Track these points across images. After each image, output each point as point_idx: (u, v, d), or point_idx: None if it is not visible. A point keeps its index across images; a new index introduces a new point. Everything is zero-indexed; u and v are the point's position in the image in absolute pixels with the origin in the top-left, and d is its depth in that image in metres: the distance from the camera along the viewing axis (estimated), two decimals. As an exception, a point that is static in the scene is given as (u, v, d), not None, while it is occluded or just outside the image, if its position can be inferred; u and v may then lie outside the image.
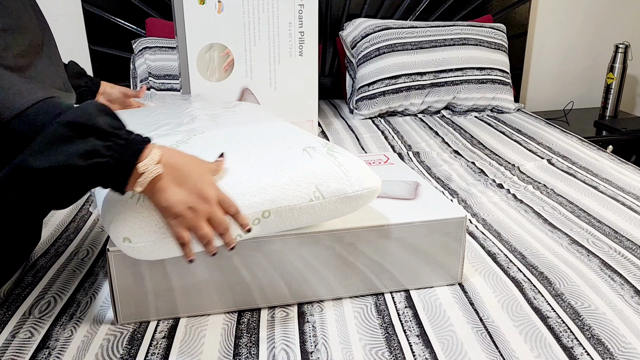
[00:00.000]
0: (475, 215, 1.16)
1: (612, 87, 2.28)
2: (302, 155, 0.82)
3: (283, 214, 0.78)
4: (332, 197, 0.80)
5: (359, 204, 0.83)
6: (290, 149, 0.83)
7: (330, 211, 0.81)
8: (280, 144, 0.85)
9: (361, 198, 0.82)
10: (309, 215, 0.80)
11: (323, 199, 0.79)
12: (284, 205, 0.77)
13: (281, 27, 1.47)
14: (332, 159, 0.82)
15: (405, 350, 0.75)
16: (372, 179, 0.84)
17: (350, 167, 0.82)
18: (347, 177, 0.81)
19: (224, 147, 0.83)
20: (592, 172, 1.40)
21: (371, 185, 0.83)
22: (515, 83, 2.41)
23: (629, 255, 0.98)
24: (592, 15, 2.45)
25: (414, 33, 2.01)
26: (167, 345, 0.77)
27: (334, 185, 0.80)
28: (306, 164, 0.80)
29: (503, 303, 0.85)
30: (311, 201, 0.79)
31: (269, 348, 0.76)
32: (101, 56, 2.13)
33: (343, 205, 0.81)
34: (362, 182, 0.82)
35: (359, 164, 0.84)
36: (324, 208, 0.80)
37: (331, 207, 0.81)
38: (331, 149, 0.84)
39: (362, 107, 1.97)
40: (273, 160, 0.80)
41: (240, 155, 0.81)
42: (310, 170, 0.79)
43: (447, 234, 0.88)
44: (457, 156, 1.55)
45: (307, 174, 0.79)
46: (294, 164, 0.80)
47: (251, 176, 0.77)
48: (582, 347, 0.75)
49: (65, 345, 0.77)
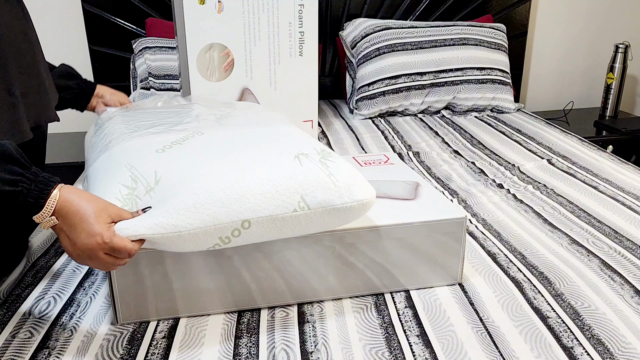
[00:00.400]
0: (475, 215, 1.16)
1: (612, 87, 2.28)
2: (293, 162, 0.78)
3: (264, 224, 0.74)
4: (319, 209, 0.76)
5: (349, 216, 0.79)
6: (281, 155, 0.79)
7: (317, 223, 0.77)
8: (273, 150, 0.81)
9: (350, 211, 0.78)
10: (294, 227, 0.76)
11: (308, 210, 0.75)
12: (265, 215, 0.73)
13: (281, 27, 1.47)
14: (323, 168, 0.78)
15: (405, 350, 0.75)
16: (365, 191, 0.79)
17: (341, 177, 0.78)
18: (336, 188, 0.77)
19: (216, 150, 0.81)
20: (592, 172, 1.40)
21: (362, 197, 0.78)
22: (515, 83, 2.41)
23: (629, 255, 0.98)
24: (592, 15, 2.45)
25: (414, 33, 2.01)
26: (167, 345, 0.77)
27: (321, 195, 0.76)
28: (294, 172, 0.76)
29: (503, 303, 0.85)
30: (295, 212, 0.75)
31: (269, 348, 0.76)
32: (101, 56, 2.13)
33: (331, 217, 0.77)
34: (352, 193, 0.78)
35: (353, 174, 0.80)
36: (309, 219, 0.76)
37: (318, 219, 0.77)
38: (326, 157, 0.80)
39: (362, 107, 1.97)
40: (260, 167, 0.76)
41: (229, 160, 0.78)
42: (297, 179, 0.75)
43: (447, 235, 0.88)
44: (457, 156, 1.55)
45: (293, 182, 0.75)
46: (281, 171, 0.76)
47: (233, 183, 0.74)
48: (582, 347, 0.75)
49: (65, 345, 0.77)
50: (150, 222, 0.70)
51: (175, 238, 0.71)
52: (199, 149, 0.81)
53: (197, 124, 0.93)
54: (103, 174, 0.79)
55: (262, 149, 0.82)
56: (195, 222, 0.71)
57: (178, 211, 0.71)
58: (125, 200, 0.74)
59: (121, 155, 0.82)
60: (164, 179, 0.74)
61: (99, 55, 2.13)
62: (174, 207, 0.71)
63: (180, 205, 0.71)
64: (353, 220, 0.80)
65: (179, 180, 0.74)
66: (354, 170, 0.81)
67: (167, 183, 0.74)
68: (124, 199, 0.74)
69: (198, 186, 0.73)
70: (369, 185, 0.81)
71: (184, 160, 0.78)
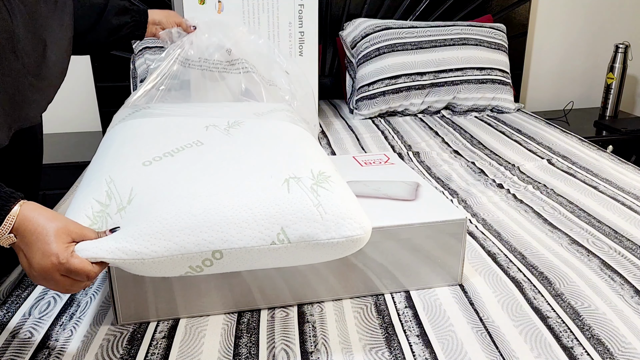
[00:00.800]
0: (475, 215, 1.16)
1: (612, 87, 2.28)
2: (280, 187, 0.71)
3: (238, 256, 0.68)
4: (300, 243, 0.69)
5: (336, 252, 0.71)
6: (271, 178, 0.72)
7: (300, 257, 0.71)
8: (265, 171, 0.75)
9: (337, 247, 0.70)
10: (272, 259, 0.70)
11: (288, 244, 0.68)
12: (238, 247, 0.67)
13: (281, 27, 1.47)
14: (312, 196, 0.70)
15: (405, 350, 0.75)
16: (357, 226, 0.71)
17: (331, 208, 0.70)
18: (322, 221, 0.69)
19: (204, 166, 0.76)
20: (592, 172, 1.40)
21: (352, 233, 0.70)
22: (515, 83, 2.41)
23: (629, 255, 0.98)
24: (592, 15, 2.45)
25: (414, 33, 2.01)
26: (167, 345, 0.77)
27: (304, 228, 0.69)
28: (277, 200, 0.69)
29: (503, 303, 0.85)
30: (273, 244, 0.68)
31: (269, 348, 0.76)
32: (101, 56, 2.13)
33: (315, 252, 0.70)
34: (340, 228, 0.70)
35: (346, 206, 0.72)
36: (290, 253, 0.69)
37: (300, 254, 0.70)
38: (321, 182, 0.73)
39: (362, 107, 1.97)
40: (242, 191, 0.70)
41: (212, 179, 0.73)
42: (280, 208, 0.69)
43: (447, 235, 0.88)
44: (457, 156, 1.55)
45: (274, 211, 0.68)
46: (263, 198, 0.69)
47: (207, 208, 0.68)
48: (582, 347, 0.75)
49: (65, 345, 0.77)
50: (112, 246, 0.66)
51: (139, 264, 0.67)
52: (187, 164, 0.77)
53: (204, 132, 0.88)
54: (86, 184, 0.76)
55: (254, 168, 0.76)
56: (160, 249, 0.66)
57: (143, 237, 0.66)
58: (95, 217, 0.70)
59: (108, 164, 0.79)
60: (138, 198, 0.70)
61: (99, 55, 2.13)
62: (139, 233, 0.67)
63: (145, 231, 0.67)
64: (342, 256, 0.73)
65: (151, 202, 0.70)
66: (350, 201, 0.73)
67: (139, 202, 0.70)
68: (94, 217, 0.70)
69: (168, 210, 0.68)
70: (365, 219, 0.73)
71: (165, 177, 0.74)
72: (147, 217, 0.68)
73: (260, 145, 0.84)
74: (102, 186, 0.73)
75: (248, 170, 0.75)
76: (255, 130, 0.91)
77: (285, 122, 0.96)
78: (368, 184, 1.00)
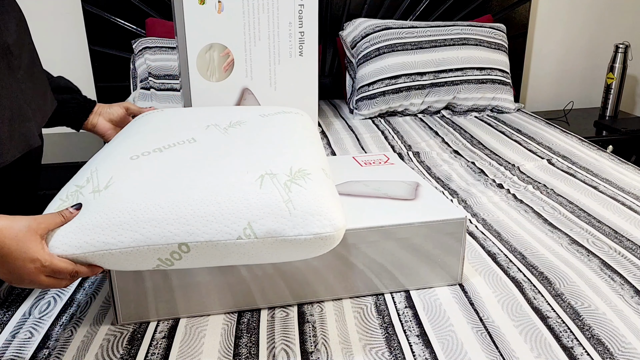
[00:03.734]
0: (475, 215, 1.16)
1: (612, 87, 2.28)
2: (252, 183, 0.71)
3: (204, 249, 0.68)
4: (267, 238, 0.68)
5: (306, 250, 0.70)
6: (247, 173, 0.72)
7: (269, 254, 0.70)
8: (243, 167, 0.74)
9: (306, 245, 0.69)
10: (240, 255, 0.69)
11: (255, 239, 0.68)
12: (203, 240, 0.67)
13: (281, 27, 1.46)
14: (284, 192, 0.70)
15: (405, 350, 0.75)
16: (327, 223, 0.69)
17: (301, 204, 0.69)
18: (290, 217, 0.68)
19: (188, 163, 0.76)
20: (592, 172, 1.40)
21: (320, 231, 0.69)
22: (515, 83, 2.41)
23: (629, 255, 0.98)
24: (592, 15, 2.45)
25: (414, 33, 2.01)
26: (167, 345, 0.77)
27: (271, 224, 0.68)
28: (246, 194, 0.69)
29: (503, 303, 0.85)
30: (239, 239, 0.67)
31: (269, 348, 0.76)
32: (101, 56, 2.13)
33: (283, 249, 0.69)
34: (308, 225, 0.68)
35: (319, 203, 0.70)
36: (257, 249, 0.69)
37: (267, 250, 0.69)
38: (296, 179, 0.72)
39: (362, 107, 1.97)
40: (214, 186, 0.70)
41: (190, 175, 0.73)
42: (247, 202, 0.68)
43: (447, 235, 0.88)
44: (457, 156, 1.55)
45: (241, 206, 0.68)
46: (231, 193, 0.69)
47: (175, 201, 0.68)
48: (582, 347, 0.75)
49: (65, 345, 0.77)
50: (80, 240, 0.67)
51: (108, 256, 0.67)
52: (173, 160, 0.77)
53: (203, 131, 0.89)
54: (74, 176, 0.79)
55: (237, 165, 0.76)
56: (127, 240, 0.67)
57: (110, 227, 0.67)
58: (68, 197, 0.71)
59: (99, 159, 0.81)
60: (115, 186, 0.71)
61: (99, 55, 2.13)
62: (107, 223, 0.67)
63: (113, 221, 0.67)
64: (313, 255, 0.71)
65: (125, 192, 0.70)
66: (324, 198, 0.71)
67: (114, 191, 0.71)
68: (67, 197, 0.71)
69: (138, 202, 0.68)
70: (339, 217, 0.71)
71: (147, 171, 0.74)
72: (117, 206, 0.68)
73: (251, 143, 0.85)
74: (86, 174, 0.76)
75: (231, 167, 0.75)
76: (254, 129, 0.92)
77: (289, 122, 0.97)
78: (368, 184, 1.00)
